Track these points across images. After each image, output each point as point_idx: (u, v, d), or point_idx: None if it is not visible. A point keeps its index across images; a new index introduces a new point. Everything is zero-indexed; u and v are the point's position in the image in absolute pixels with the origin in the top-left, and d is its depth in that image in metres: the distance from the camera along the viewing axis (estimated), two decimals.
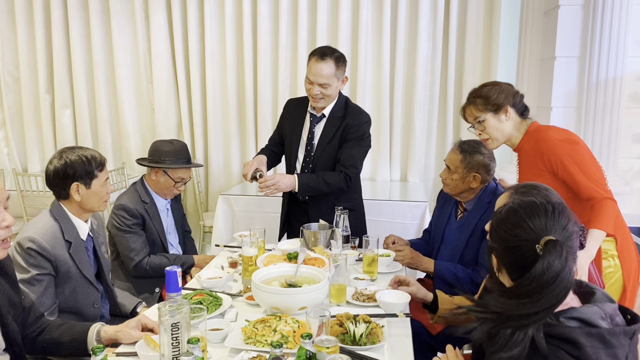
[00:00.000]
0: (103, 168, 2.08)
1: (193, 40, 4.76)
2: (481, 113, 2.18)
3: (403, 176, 4.80)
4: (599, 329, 1.14)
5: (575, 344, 1.11)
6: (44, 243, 1.93)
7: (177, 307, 1.33)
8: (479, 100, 2.18)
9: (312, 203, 2.79)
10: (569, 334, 1.12)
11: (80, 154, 2.03)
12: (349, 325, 1.62)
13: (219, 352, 1.59)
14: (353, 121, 2.72)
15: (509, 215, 1.24)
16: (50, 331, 1.72)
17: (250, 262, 2.15)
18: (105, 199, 2.11)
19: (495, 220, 1.28)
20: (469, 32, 4.46)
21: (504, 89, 2.18)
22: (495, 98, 2.15)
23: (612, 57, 3.43)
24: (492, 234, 1.28)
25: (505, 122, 2.18)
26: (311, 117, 2.79)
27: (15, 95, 5.13)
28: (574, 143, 2.09)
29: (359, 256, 2.47)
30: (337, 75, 2.64)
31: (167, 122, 4.94)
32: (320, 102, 2.69)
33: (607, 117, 3.48)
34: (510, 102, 2.16)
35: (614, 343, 1.13)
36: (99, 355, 1.17)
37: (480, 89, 2.22)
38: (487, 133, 2.20)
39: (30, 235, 1.93)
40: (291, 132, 2.84)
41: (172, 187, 2.74)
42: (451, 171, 2.44)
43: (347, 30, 4.56)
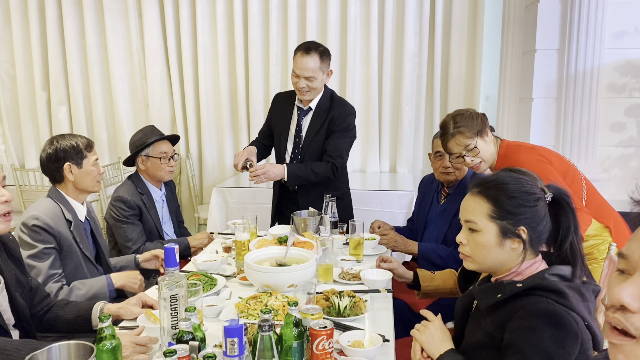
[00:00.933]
0: (91, 149, 2.24)
1: (185, 37, 4.87)
2: (470, 140, 2.20)
3: (392, 167, 4.93)
4: (576, 283, 1.29)
5: (561, 293, 1.24)
6: (47, 219, 2.07)
7: (175, 280, 1.46)
8: (463, 129, 2.20)
9: (302, 192, 2.92)
10: (554, 285, 1.25)
11: (68, 137, 2.21)
12: (334, 299, 1.76)
13: (215, 325, 1.71)
14: (338, 113, 2.84)
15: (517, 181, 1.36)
16: (56, 310, 1.84)
17: (243, 247, 2.27)
18: (98, 179, 2.26)
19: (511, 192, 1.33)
20: (454, 27, 4.59)
21: (473, 114, 2.23)
22: (475, 124, 2.20)
23: (589, 49, 3.56)
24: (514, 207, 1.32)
25: (489, 143, 2.24)
26: (299, 111, 2.91)
27: (12, 93, 5.23)
28: (545, 162, 2.17)
29: (346, 240, 2.60)
30: (322, 68, 2.76)
31: (161, 117, 5.05)
32: (306, 94, 2.81)
33: (586, 107, 3.62)
34: (486, 123, 2.23)
35: (588, 297, 1.28)
36: (105, 322, 1.29)
37: (457, 120, 2.22)
38: (480, 157, 2.23)
39: (34, 214, 2.08)
40: (279, 125, 2.96)
41: (161, 165, 2.85)
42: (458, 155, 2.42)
43: (336, 25, 4.68)
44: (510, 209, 1.33)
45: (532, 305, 1.25)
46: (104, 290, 2.13)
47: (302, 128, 2.90)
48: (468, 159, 2.24)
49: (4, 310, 1.62)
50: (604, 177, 3.67)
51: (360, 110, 4.77)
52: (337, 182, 2.96)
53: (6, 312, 1.63)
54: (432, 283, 2.07)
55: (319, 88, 2.82)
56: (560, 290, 1.24)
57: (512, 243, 1.34)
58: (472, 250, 1.39)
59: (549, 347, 1.20)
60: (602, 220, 2.26)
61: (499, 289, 1.32)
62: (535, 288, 1.27)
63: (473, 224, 1.37)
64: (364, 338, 1.53)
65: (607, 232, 2.26)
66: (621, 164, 3.78)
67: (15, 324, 1.68)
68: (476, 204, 1.38)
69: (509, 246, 1.34)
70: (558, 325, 1.21)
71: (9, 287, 1.66)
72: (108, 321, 1.31)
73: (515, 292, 1.28)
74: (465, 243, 1.40)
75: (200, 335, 1.37)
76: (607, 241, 2.23)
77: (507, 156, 2.24)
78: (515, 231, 1.33)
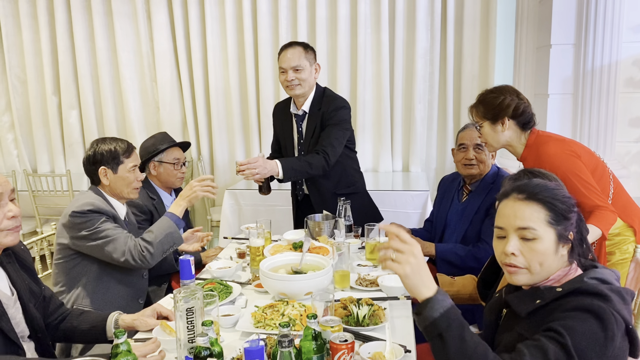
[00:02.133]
0: (130, 155, 2.26)
1: (195, 39, 4.85)
2: (480, 119, 2.22)
3: (405, 166, 4.88)
4: (617, 286, 1.25)
5: (604, 296, 1.19)
6: (101, 204, 2.14)
7: (190, 292, 1.43)
8: (480, 106, 2.21)
9: (313, 193, 2.88)
10: (596, 287, 1.21)
11: (109, 141, 2.25)
12: (352, 308, 1.71)
13: (231, 335, 1.68)
14: (327, 108, 2.77)
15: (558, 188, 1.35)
16: (71, 319, 1.82)
17: (257, 252, 2.25)
18: (135, 185, 2.27)
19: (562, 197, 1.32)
20: (466, 22, 4.53)
21: (505, 102, 2.17)
22: (494, 108, 2.17)
23: (606, 43, 3.48)
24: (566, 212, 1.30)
25: (500, 133, 2.19)
26: (295, 117, 2.85)
27: (23, 98, 5.24)
28: (575, 156, 2.11)
29: (361, 244, 2.56)
30: (307, 58, 2.72)
31: (171, 119, 5.03)
32: (297, 88, 2.72)
33: (604, 102, 3.54)
34: (510, 114, 2.16)
35: (628, 300, 1.24)
36: (121, 338, 1.26)
37: (485, 96, 2.23)
38: (483, 138, 2.26)
39: (88, 201, 2.13)
40: (283, 136, 2.93)
41: (174, 171, 2.86)
42: (482, 149, 2.46)
43: (346, 23, 4.64)
44: (564, 214, 1.30)
45: (574, 302, 1.20)
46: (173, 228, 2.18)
47: (302, 134, 2.85)
48: (476, 133, 2.33)
49: (18, 323, 1.60)
50: (623, 173, 3.59)
51: (372, 109, 4.73)
52: (349, 178, 2.90)
53: (20, 324, 1.62)
54: (451, 288, 2.03)
55: (308, 81, 2.74)
56: (602, 292, 1.20)
57: (563, 249, 1.31)
58: (528, 261, 1.29)
59: (586, 331, 1.15)
60: (626, 219, 2.19)
61: (537, 294, 1.28)
62: (575, 292, 1.22)
63: (531, 232, 1.28)
64: (384, 349, 1.49)
65: (630, 231, 2.20)
66: None
67: (30, 335, 1.66)
68: (532, 210, 1.29)
69: (560, 253, 1.30)
70: (600, 319, 1.16)
71: (23, 299, 1.64)
72: (123, 337, 1.28)
73: (556, 296, 1.24)
74: (519, 254, 1.30)
75: (217, 349, 1.34)
76: (630, 240, 2.17)
77: (536, 146, 2.18)
78: (568, 236, 1.30)
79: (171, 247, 2.20)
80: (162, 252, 2.16)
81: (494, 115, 2.18)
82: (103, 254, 2.12)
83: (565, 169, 2.07)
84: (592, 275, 1.27)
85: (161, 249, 2.15)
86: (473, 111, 2.27)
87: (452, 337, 1.16)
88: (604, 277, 1.27)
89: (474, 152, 2.51)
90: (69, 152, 5.27)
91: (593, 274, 1.27)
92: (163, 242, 2.15)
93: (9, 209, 1.57)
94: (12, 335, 1.56)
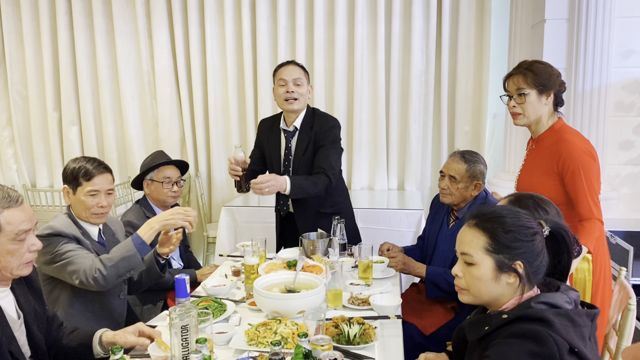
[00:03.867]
0: (91, 178, 2.15)
1: (195, 58, 4.93)
2: (527, 87, 2.17)
3: (400, 185, 4.94)
4: (565, 309, 1.27)
5: (546, 322, 1.22)
6: (62, 228, 2.09)
7: (185, 311, 1.47)
8: (530, 73, 2.16)
9: (298, 211, 2.91)
10: (540, 313, 1.24)
11: (80, 161, 2.20)
12: (343, 327, 1.76)
13: (225, 352, 1.72)
14: (321, 127, 2.83)
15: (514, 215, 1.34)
16: (61, 339, 1.84)
17: (252, 271, 2.29)
18: (94, 211, 2.17)
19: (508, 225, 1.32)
20: (460, 45, 4.62)
21: (554, 73, 2.18)
22: (546, 78, 2.15)
23: (596, 68, 3.58)
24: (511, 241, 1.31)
25: (543, 105, 2.19)
26: (285, 133, 2.89)
27: (24, 114, 5.30)
28: (592, 159, 2.13)
29: (355, 263, 2.61)
30: (305, 76, 2.82)
31: (170, 136, 5.10)
32: (295, 104, 2.77)
33: (594, 125, 3.62)
34: (556, 89, 2.18)
35: (580, 322, 1.26)
36: (117, 354, 1.31)
37: (534, 64, 2.19)
38: (522, 108, 2.21)
39: (49, 225, 2.10)
40: (270, 151, 2.96)
41: (163, 189, 2.85)
42: (456, 181, 2.52)
43: (344, 45, 4.73)
44: (507, 243, 1.31)
45: (513, 329, 1.24)
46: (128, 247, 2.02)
47: (291, 150, 2.88)
48: (512, 102, 2.23)
49: (22, 345, 1.63)
50: (613, 195, 3.67)
51: (368, 128, 4.80)
52: (335, 197, 2.94)
53: (24, 346, 1.64)
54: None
55: (305, 98, 2.82)
56: (545, 318, 1.23)
57: (508, 277, 1.33)
58: (467, 283, 1.37)
59: (519, 356, 1.18)
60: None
61: (486, 321, 1.32)
62: (520, 318, 1.26)
63: (469, 257, 1.35)
64: None
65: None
66: (630, 183, 3.77)
67: (31, 356, 1.69)
68: (473, 237, 1.36)
69: (504, 280, 1.33)
70: (536, 341, 1.19)
71: (28, 322, 1.67)
72: (120, 353, 1.32)
73: (501, 323, 1.28)
74: (461, 276, 1.38)
75: None
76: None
77: (560, 132, 2.19)
78: (512, 266, 1.31)
79: (129, 272, 2.04)
80: (117, 276, 2.01)
81: (545, 85, 2.16)
82: (64, 276, 2.05)
83: (579, 163, 2.08)
84: (541, 299, 1.29)
85: (115, 273, 2.01)
86: (519, 78, 2.19)
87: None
88: (552, 302, 1.28)
89: (448, 182, 2.55)
90: None
91: (542, 298, 1.29)
92: (118, 266, 2.00)
93: (32, 242, 1.60)
94: (21, 358, 1.59)
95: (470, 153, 2.60)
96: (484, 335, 1.31)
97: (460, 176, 2.51)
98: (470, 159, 2.55)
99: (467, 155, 2.57)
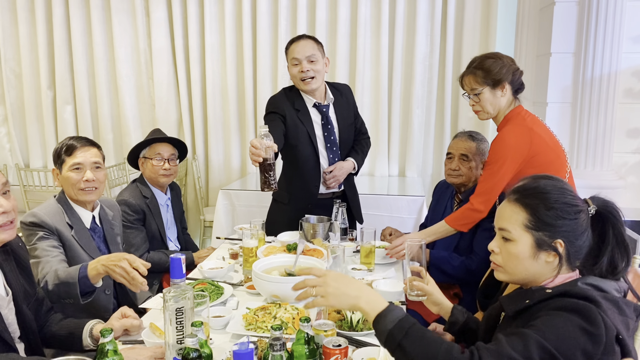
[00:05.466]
0: (72, 152, 2.07)
1: (193, 37, 4.80)
2: (479, 85, 2.17)
3: (401, 171, 4.85)
4: (614, 296, 1.21)
5: (593, 301, 1.15)
6: (45, 217, 2.00)
7: (181, 292, 1.38)
8: (479, 72, 2.16)
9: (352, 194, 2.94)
10: (587, 292, 1.17)
11: (65, 140, 2.12)
12: (346, 312, 1.68)
13: (221, 337, 1.65)
14: (347, 95, 2.89)
15: (559, 192, 1.27)
16: (50, 325, 1.76)
17: (250, 254, 2.20)
18: (80, 186, 2.07)
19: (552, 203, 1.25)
20: (466, 28, 4.51)
21: (505, 64, 2.17)
22: (495, 73, 2.14)
23: (606, 53, 3.47)
24: (552, 219, 1.24)
25: (500, 98, 2.18)
26: (320, 108, 2.73)
27: (17, 92, 5.18)
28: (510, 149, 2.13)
29: (356, 248, 2.53)
30: (319, 50, 2.67)
31: (167, 117, 4.99)
32: (312, 82, 2.65)
33: (602, 112, 3.53)
34: (509, 78, 2.17)
35: (627, 312, 1.19)
36: (107, 337, 1.22)
37: (482, 61, 2.19)
38: (480, 105, 2.21)
39: (33, 211, 2.02)
40: (299, 129, 2.68)
41: (154, 167, 2.74)
42: (468, 159, 2.49)
43: (346, 26, 4.61)
44: (548, 220, 1.25)
45: (560, 303, 1.17)
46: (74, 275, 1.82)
47: (332, 122, 2.76)
48: (470, 101, 2.24)
49: (10, 323, 1.55)
50: (619, 184, 3.58)
51: (370, 113, 4.70)
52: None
53: (12, 324, 1.57)
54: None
55: (321, 74, 2.69)
56: (593, 297, 1.16)
57: (547, 256, 1.26)
58: (503, 260, 1.31)
59: (570, 330, 1.11)
60: None
61: (527, 295, 1.26)
62: (564, 294, 1.19)
63: (507, 233, 1.29)
64: (378, 355, 1.46)
65: None
66: (638, 171, 3.69)
67: (20, 336, 1.60)
68: (512, 212, 1.29)
69: (543, 259, 1.26)
70: (586, 318, 1.12)
71: (17, 299, 1.59)
72: (110, 336, 1.24)
73: (544, 297, 1.21)
74: (498, 252, 1.33)
75: (207, 351, 1.30)
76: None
77: (507, 120, 2.21)
78: (552, 244, 1.25)
79: (67, 298, 1.86)
80: (57, 296, 1.86)
81: (495, 80, 2.15)
82: (36, 271, 1.93)
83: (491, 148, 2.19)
84: (589, 281, 1.23)
85: (57, 293, 1.85)
86: (470, 78, 2.20)
87: (412, 343, 1.15)
88: (601, 286, 1.23)
89: (458, 163, 2.52)
90: None
91: (591, 280, 1.24)
92: (59, 287, 1.84)
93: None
94: (7, 337, 1.51)
95: (476, 132, 2.63)
96: (522, 309, 1.24)
97: (472, 154, 2.50)
98: (477, 137, 2.57)
99: (474, 134, 2.60)
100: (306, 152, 2.72)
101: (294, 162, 2.77)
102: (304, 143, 2.71)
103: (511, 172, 2.14)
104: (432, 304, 1.63)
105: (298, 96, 2.74)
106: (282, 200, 2.86)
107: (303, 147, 2.72)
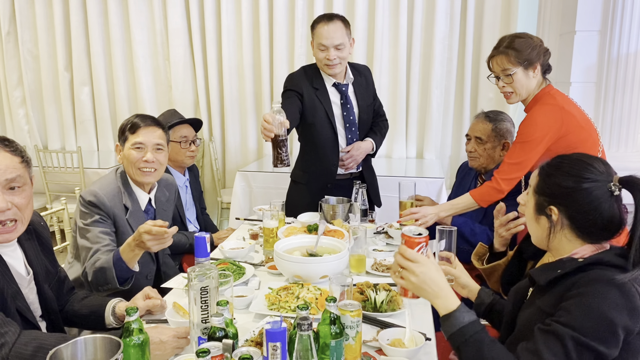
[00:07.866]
0: (135, 130, 2.08)
1: (209, 17, 4.76)
2: (512, 66, 2.09)
3: (419, 153, 4.80)
4: None
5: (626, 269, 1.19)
6: (104, 199, 1.99)
7: (205, 271, 1.37)
8: (512, 52, 2.08)
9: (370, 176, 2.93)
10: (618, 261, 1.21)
11: (132, 117, 2.12)
12: (369, 293, 1.66)
13: (244, 317, 1.64)
14: (367, 73, 2.85)
15: (574, 163, 1.29)
16: (72, 304, 1.76)
17: (271, 234, 2.19)
18: (139, 165, 2.06)
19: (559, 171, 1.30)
20: (487, 6, 4.41)
21: (536, 44, 2.11)
22: (528, 53, 2.08)
23: (634, 30, 3.37)
24: (553, 186, 1.30)
25: (532, 79, 2.12)
26: (339, 88, 2.71)
27: (35, 74, 5.20)
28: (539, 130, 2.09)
29: (377, 229, 2.50)
30: (347, 34, 2.62)
31: (184, 99, 4.97)
32: (337, 67, 2.63)
33: (628, 92, 3.44)
34: (541, 60, 2.11)
35: None
36: (133, 315, 1.22)
37: (513, 40, 2.11)
38: (512, 87, 2.14)
39: (95, 190, 2.00)
40: (317, 108, 2.67)
41: (181, 149, 2.75)
42: (483, 142, 2.45)
43: (364, 5, 4.53)
44: (546, 186, 1.32)
45: (594, 274, 1.19)
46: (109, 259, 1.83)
47: (351, 102, 2.73)
48: (500, 83, 2.16)
49: (32, 302, 1.56)
50: None
51: (387, 93, 4.64)
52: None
53: (34, 303, 1.57)
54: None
55: (346, 59, 2.66)
56: (623, 265, 1.19)
57: (546, 222, 1.33)
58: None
59: (607, 310, 1.13)
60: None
61: (559, 265, 1.27)
62: (596, 263, 1.22)
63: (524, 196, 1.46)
64: (404, 336, 1.44)
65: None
66: None
67: (42, 315, 1.61)
68: (534, 176, 1.39)
69: (543, 224, 1.34)
70: (623, 292, 1.14)
71: (38, 279, 1.59)
72: (135, 314, 1.23)
73: (576, 266, 1.23)
74: (523, 204, 1.51)
75: (232, 331, 1.29)
76: None
77: (535, 100, 2.16)
78: (546, 210, 1.32)
79: (104, 285, 1.86)
80: (96, 284, 1.87)
81: (529, 59, 2.08)
82: (79, 251, 1.99)
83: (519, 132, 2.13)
84: (619, 251, 1.25)
85: (95, 281, 1.87)
86: (502, 58, 2.11)
87: (468, 352, 1.22)
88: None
89: (474, 144, 2.48)
90: (80, 129, 5.23)
91: (621, 251, 1.25)
92: (97, 274, 1.85)
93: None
94: (29, 315, 1.51)
95: (494, 112, 2.54)
96: (554, 278, 1.26)
97: (487, 136, 2.44)
98: (494, 118, 2.48)
99: (492, 114, 2.51)
100: (324, 131, 2.70)
101: (312, 142, 2.75)
102: (321, 122, 2.69)
103: (539, 152, 2.09)
104: (460, 287, 1.65)
105: (317, 75, 2.71)
106: (300, 180, 2.84)
107: (321, 126, 2.70)
